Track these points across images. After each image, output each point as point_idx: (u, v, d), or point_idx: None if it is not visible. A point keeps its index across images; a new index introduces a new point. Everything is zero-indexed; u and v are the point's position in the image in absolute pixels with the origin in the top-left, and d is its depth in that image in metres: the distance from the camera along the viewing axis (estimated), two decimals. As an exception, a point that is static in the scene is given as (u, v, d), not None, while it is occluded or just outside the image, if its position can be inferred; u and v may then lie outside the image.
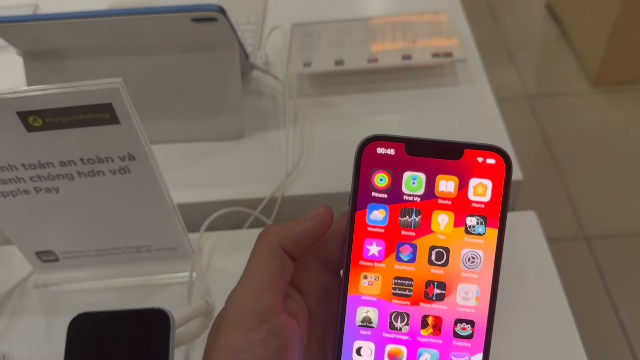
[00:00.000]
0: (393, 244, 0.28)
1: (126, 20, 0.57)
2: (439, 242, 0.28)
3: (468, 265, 0.28)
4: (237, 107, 0.66)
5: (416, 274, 0.28)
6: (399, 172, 0.28)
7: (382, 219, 0.28)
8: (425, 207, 0.28)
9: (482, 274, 0.28)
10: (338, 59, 0.72)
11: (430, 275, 0.28)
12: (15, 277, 0.55)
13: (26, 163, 0.44)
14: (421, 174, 0.28)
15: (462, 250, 0.28)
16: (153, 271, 0.53)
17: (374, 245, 0.28)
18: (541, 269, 0.52)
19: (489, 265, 0.27)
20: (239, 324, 0.26)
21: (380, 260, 0.28)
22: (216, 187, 0.62)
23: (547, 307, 0.49)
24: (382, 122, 0.69)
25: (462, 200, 0.27)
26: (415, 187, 0.28)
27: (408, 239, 0.28)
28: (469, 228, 0.28)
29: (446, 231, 0.28)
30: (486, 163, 0.27)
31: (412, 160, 0.28)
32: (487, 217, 0.27)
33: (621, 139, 1.66)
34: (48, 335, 0.51)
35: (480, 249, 0.27)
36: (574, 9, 1.95)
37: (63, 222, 0.49)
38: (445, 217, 0.28)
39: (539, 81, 1.91)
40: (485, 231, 0.27)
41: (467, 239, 0.28)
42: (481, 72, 0.73)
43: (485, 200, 0.27)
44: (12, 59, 0.67)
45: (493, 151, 0.27)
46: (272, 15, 0.86)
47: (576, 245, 1.43)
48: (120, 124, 0.42)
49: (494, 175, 0.27)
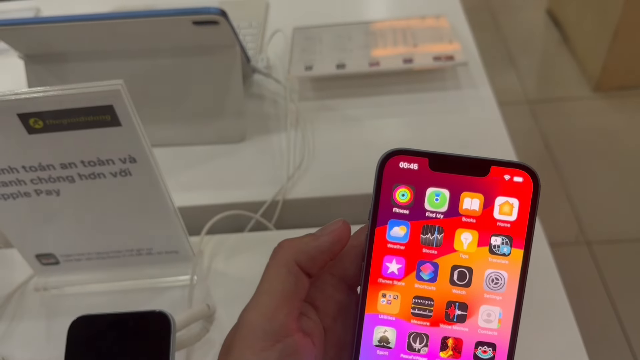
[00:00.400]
0: (414, 262, 0.27)
1: (127, 24, 0.57)
2: (462, 261, 0.27)
3: (491, 287, 0.27)
4: (238, 111, 0.66)
5: (437, 294, 0.27)
6: (422, 188, 0.27)
7: (403, 235, 0.27)
8: (449, 225, 0.27)
9: (506, 295, 0.27)
10: (339, 62, 0.72)
11: (451, 296, 0.27)
12: (15, 280, 0.55)
13: (27, 165, 0.44)
14: (445, 191, 0.27)
15: (486, 270, 0.27)
16: (154, 274, 0.53)
17: (393, 263, 0.27)
18: (543, 273, 0.52)
19: (513, 287, 0.27)
20: (252, 344, 0.25)
21: (400, 279, 0.27)
22: (217, 190, 0.62)
23: (549, 311, 0.49)
24: (383, 126, 0.68)
25: (487, 218, 0.26)
26: (439, 203, 0.27)
27: (430, 257, 0.27)
28: (494, 248, 0.27)
29: (469, 250, 0.27)
30: (513, 181, 0.26)
31: (436, 176, 0.27)
32: (513, 237, 0.26)
33: (622, 144, 1.66)
34: (48, 339, 0.51)
35: (504, 270, 0.27)
36: (574, 14, 1.95)
37: (64, 224, 0.49)
38: (469, 235, 0.27)
39: (539, 86, 1.91)
40: (511, 252, 0.26)
41: (492, 259, 0.27)
42: (483, 76, 0.73)
43: (512, 219, 0.26)
44: (13, 63, 0.67)
45: (521, 169, 0.26)
46: (273, 19, 0.86)
47: (577, 250, 1.43)
48: (122, 126, 0.42)
49: (521, 194, 0.26)
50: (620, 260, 1.39)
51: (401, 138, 0.67)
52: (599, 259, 1.40)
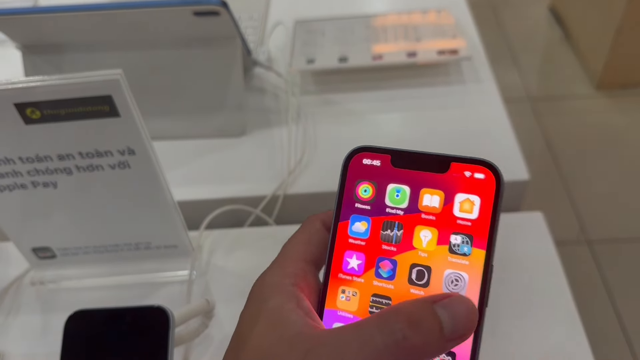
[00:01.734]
0: (373, 259, 0.26)
1: (126, 14, 0.56)
2: (421, 259, 0.26)
3: (451, 288, 0.25)
4: (238, 104, 0.65)
5: (395, 293, 0.26)
6: (383, 184, 0.27)
7: (363, 231, 0.27)
8: (408, 222, 0.26)
9: None
10: (342, 56, 0.71)
11: (409, 295, 0.25)
12: (11, 274, 0.54)
13: (23, 156, 0.43)
14: (405, 187, 0.26)
15: (445, 270, 0.25)
16: (152, 269, 0.52)
17: (354, 259, 0.27)
18: (548, 270, 0.51)
19: (474, 290, 0.25)
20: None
21: (359, 275, 0.26)
22: (217, 184, 0.61)
23: (553, 308, 0.48)
24: (385, 121, 0.68)
25: (447, 216, 0.26)
26: (399, 199, 0.27)
27: (389, 254, 0.26)
28: (454, 247, 0.25)
29: (429, 248, 0.26)
30: (474, 178, 0.25)
31: (398, 172, 0.27)
32: (474, 237, 0.25)
33: (624, 143, 1.65)
34: (44, 334, 0.50)
35: (464, 271, 0.25)
36: (577, 11, 1.94)
37: (61, 217, 0.48)
38: (429, 233, 0.26)
39: (542, 83, 1.90)
40: (471, 252, 0.25)
41: (451, 258, 0.25)
42: (487, 70, 0.72)
43: (472, 217, 0.25)
44: (10, 53, 0.66)
45: (482, 165, 0.25)
46: (274, 11, 0.85)
47: (579, 249, 1.42)
48: (120, 117, 0.41)
49: (483, 192, 0.25)
50: (621, 260, 1.39)
51: (404, 133, 0.66)
52: (600, 258, 1.40)
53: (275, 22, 0.80)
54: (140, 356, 0.38)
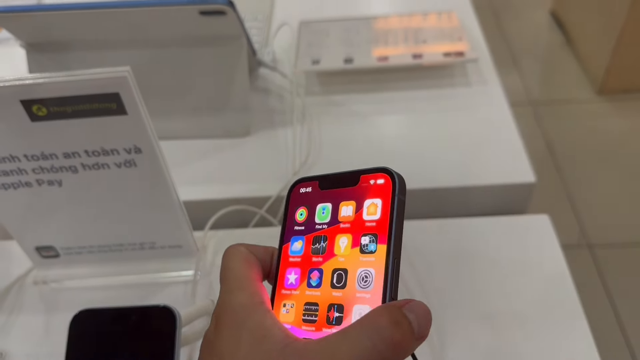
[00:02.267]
0: (306, 271, 0.29)
1: (132, 12, 0.56)
2: (339, 264, 0.28)
3: (362, 285, 0.27)
4: (244, 104, 0.64)
5: (321, 298, 0.28)
6: (313, 206, 0.30)
7: (299, 248, 0.30)
8: (331, 233, 0.29)
9: (374, 293, 0.26)
10: (347, 57, 0.71)
11: (331, 299, 0.28)
12: (14, 273, 0.53)
13: (29, 154, 0.43)
14: (328, 204, 0.30)
15: (358, 270, 0.27)
16: (156, 269, 0.52)
17: (292, 274, 0.29)
18: (554, 272, 0.51)
19: (379, 284, 0.26)
20: None
21: (295, 288, 0.29)
22: (221, 184, 0.61)
23: (560, 310, 0.48)
24: (390, 122, 0.67)
25: (358, 221, 0.28)
26: (324, 216, 0.30)
27: (317, 264, 0.29)
28: (363, 247, 0.28)
29: (345, 253, 0.28)
30: (377, 184, 0.28)
31: (324, 193, 0.30)
32: (378, 234, 0.27)
33: (625, 148, 1.65)
34: (47, 333, 0.49)
35: (372, 267, 0.27)
36: (579, 16, 1.94)
37: (65, 216, 0.48)
38: (345, 239, 0.28)
39: (543, 88, 1.90)
40: (376, 248, 0.27)
41: (362, 258, 0.27)
42: (492, 73, 0.72)
43: (376, 218, 0.28)
44: (15, 52, 0.66)
45: (381, 172, 0.28)
46: (279, 12, 0.85)
47: (579, 252, 1.42)
48: (128, 114, 0.40)
49: (383, 194, 0.28)
50: (622, 264, 1.39)
51: (409, 134, 0.65)
52: (600, 263, 1.39)
53: (280, 23, 0.80)
54: (146, 356, 0.37)
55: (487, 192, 0.60)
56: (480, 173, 0.60)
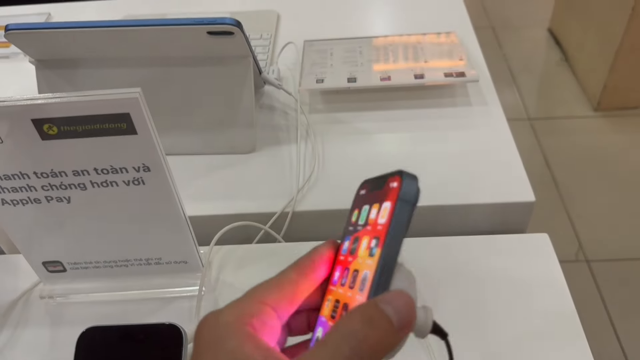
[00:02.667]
0: (342, 269, 0.30)
1: (141, 32, 0.57)
2: (356, 265, 0.29)
3: (360, 287, 0.27)
4: (249, 121, 0.65)
5: (341, 296, 0.29)
6: (360, 207, 0.31)
7: (345, 248, 0.31)
8: (361, 235, 0.30)
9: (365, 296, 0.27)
10: (350, 76, 0.72)
11: (345, 298, 0.28)
12: (20, 287, 0.54)
13: (38, 171, 0.44)
14: (367, 206, 0.30)
15: (362, 272, 0.28)
16: (162, 285, 0.52)
17: (337, 271, 0.30)
18: (554, 291, 0.51)
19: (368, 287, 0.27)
20: None
21: (335, 285, 0.30)
22: (226, 200, 0.62)
23: (560, 330, 0.48)
24: (392, 140, 0.68)
25: (374, 225, 0.29)
26: (362, 218, 0.30)
27: (347, 264, 0.30)
28: (370, 250, 0.28)
29: (362, 255, 0.29)
30: (391, 187, 0.28)
31: (369, 195, 0.31)
32: (380, 238, 0.28)
33: (622, 164, 1.67)
34: (53, 348, 0.50)
35: (369, 270, 0.27)
36: (576, 33, 1.97)
37: (72, 232, 0.48)
38: (365, 241, 0.29)
39: (540, 104, 1.92)
40: (376, 252, 0.27)
41: (367, 260, 0.28)
42: (492, 93, 0.73)
43: (383, 221, 0.28)
44: (24, 67, 0.67)
45: (396, 175, 0.28)
46: (284, 31, 0.86)
47: (577, 268, 1.42)
48: (137, 134, 0.41)
49: (393, 197, 0.28)
50: (619, 279, 1.39)
51: (410, 152, 0.66)
52: (598, 278, 1.40)
53: (285, 41, 0.81)
54: (153, 373, 0.38)
55: (487, 211, 0.60)
56: (481, 191, 0.60)
